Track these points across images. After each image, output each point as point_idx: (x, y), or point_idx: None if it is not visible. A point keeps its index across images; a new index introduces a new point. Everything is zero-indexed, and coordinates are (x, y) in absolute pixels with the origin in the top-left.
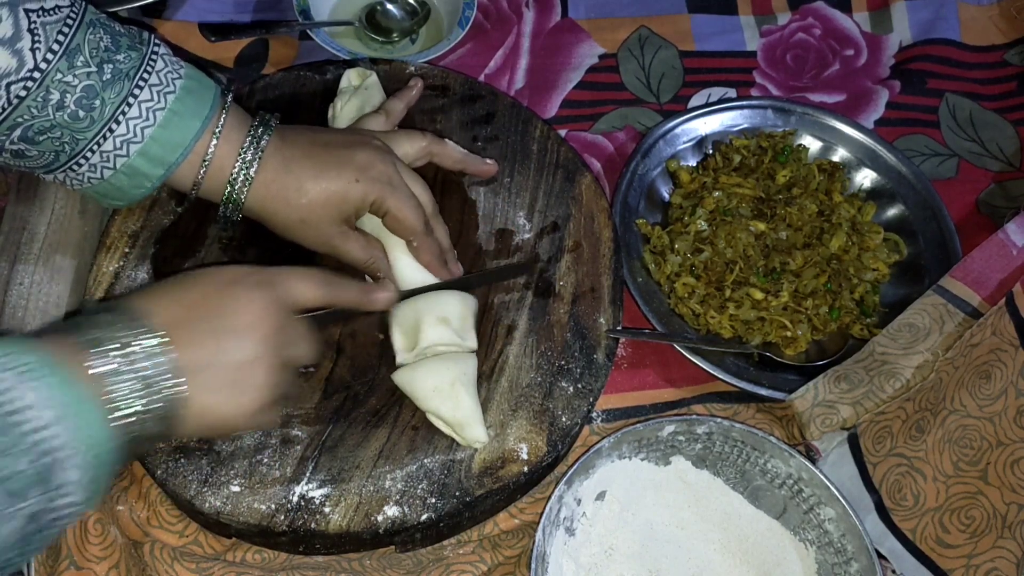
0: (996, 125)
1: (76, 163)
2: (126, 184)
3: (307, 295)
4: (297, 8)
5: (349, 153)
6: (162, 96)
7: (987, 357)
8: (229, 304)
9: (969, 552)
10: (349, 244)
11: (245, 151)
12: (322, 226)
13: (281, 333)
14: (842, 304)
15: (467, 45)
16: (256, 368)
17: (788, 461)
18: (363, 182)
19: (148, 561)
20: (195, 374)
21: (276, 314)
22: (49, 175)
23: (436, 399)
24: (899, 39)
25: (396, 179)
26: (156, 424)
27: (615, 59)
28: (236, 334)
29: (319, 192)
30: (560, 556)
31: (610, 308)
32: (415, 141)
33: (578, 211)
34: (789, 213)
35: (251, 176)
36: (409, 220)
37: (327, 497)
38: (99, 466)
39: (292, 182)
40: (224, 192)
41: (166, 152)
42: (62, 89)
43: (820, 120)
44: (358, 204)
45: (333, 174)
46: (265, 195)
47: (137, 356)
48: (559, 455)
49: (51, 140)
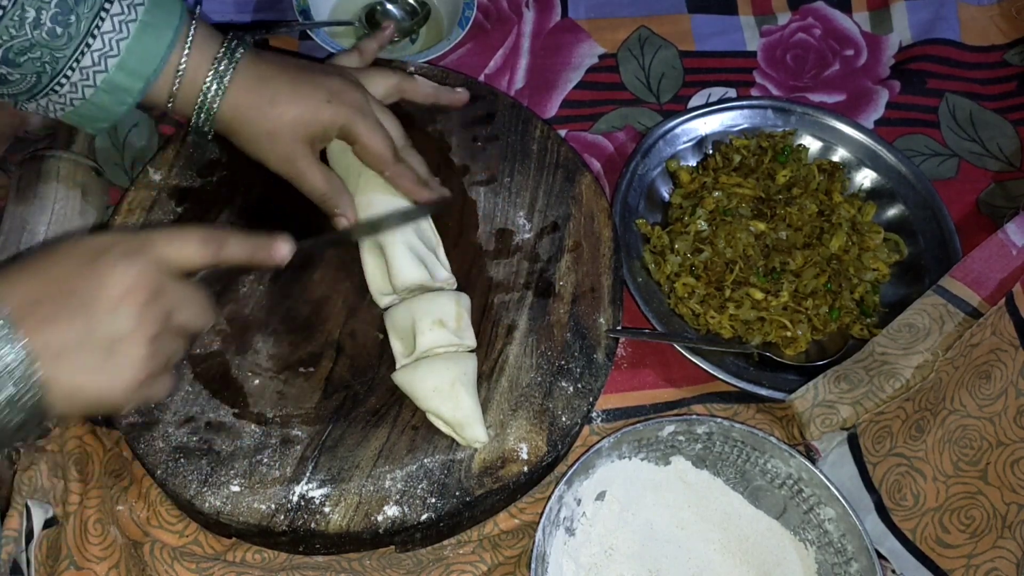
0: (996, 125)
1: (58, 83)
2: (108, 102)
3: (188, 256)
4: (297, 8)
5: (323, 77)
6: (132, 8)
7: (987, 357)
8: (97, 277)
9: (969, 552)
10: (311, 169)
11: (219, 62)
12: (287, 142)
13: (161, 300)
14: (842, 304)
15: (467, 45)
16: (129, 343)
17: (788, 461)
18: (334, 104)
19: (148, 561)
20: (56, 356)
21: (152, 281)
22: (32, 103)
23: (436, 399)
24: (899, 39)
25: (366, 107)
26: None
27: (615, 59)
28: (105, 308)
29: (291, 106)
30: (560, 556)
31: (610, 308)
32: (387, 78)
33: (578, 211)
34: (789, 213)
35: (224, 85)
36: (377, 147)
37: (327, 497)
38: None
39: (266, 93)
40: (196, 101)
41: (142, 64)
42: (37, 6)
43: (820, 120)
44: (326, 125)
45: (307, 91)
46: (237, 105)
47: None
48: (559, 455)
49: (32, 61)
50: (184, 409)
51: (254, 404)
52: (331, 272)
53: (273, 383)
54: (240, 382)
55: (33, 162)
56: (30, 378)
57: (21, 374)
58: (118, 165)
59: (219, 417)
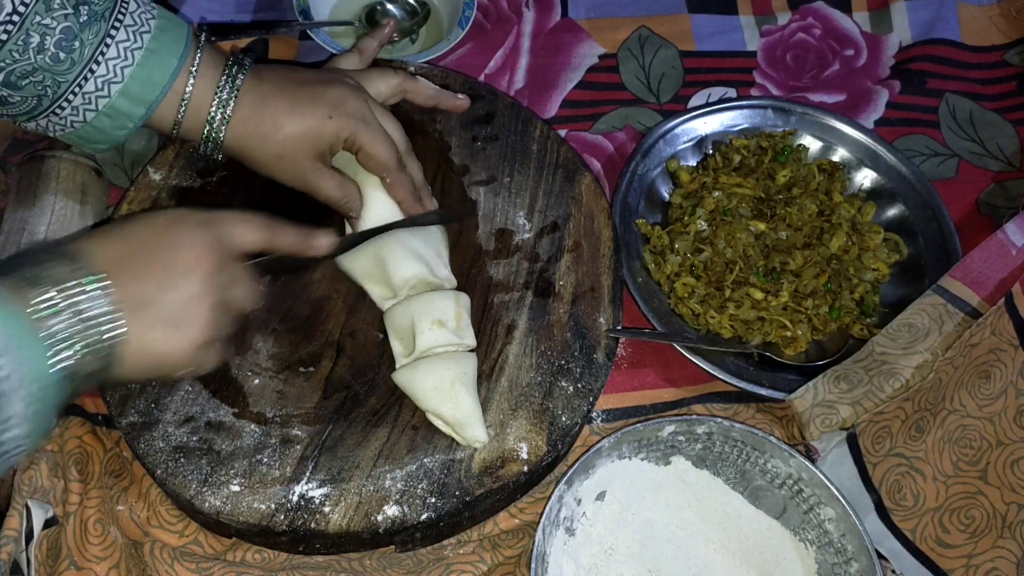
0: (996, 125)
1: (59, 106)
2: (108, 126)
3: (247, 237)
4: (297, 8)
5: (323, 90)
6: (138, 36)
7: (987, 357)
8: (171, 243)
9: (969, 552)
10: (324, 181)
11: (221, 89)
12: (297, 161)
13: (222, 272)
14: (842, 304)
15: (467, 45)
16: (197, 305)
17: (788, 461)
18: (336, 118)
19: (148, 561)
20: (135, 311)
21: (217, 253)
22: (31, 123)
23: (436, 399)
24: (899, 39)
25: (368, 115)
26: (96, 360)
27: (615, 59)
28: (178, 271)
29: (294, 127)
30: (560, 556)
31: (610, 308)
32: (388, 79)
33: (578, 211)
34: (789, 213)
35: (228, 114)
36: (382, 155)
37: (327, 497)
38: (43, 399)
39: (268, 117)
40: (203, 131)
41: (145, 91)
42: (41, 32)
43: (820, 120)
44: (332, 140)
45: (307, 110)
46: (242, 132)
47: (73, 293)
48: (559, 455)
49: (33, 84)
50: (184, 409)
51: (254, 404)
52: (331, 272)
53: (273, 383)
54: (240, 382)
55: (33, 163)
56: (115, 329)
57: (107, 324)
58: (118, 165)
59: (219, 417)
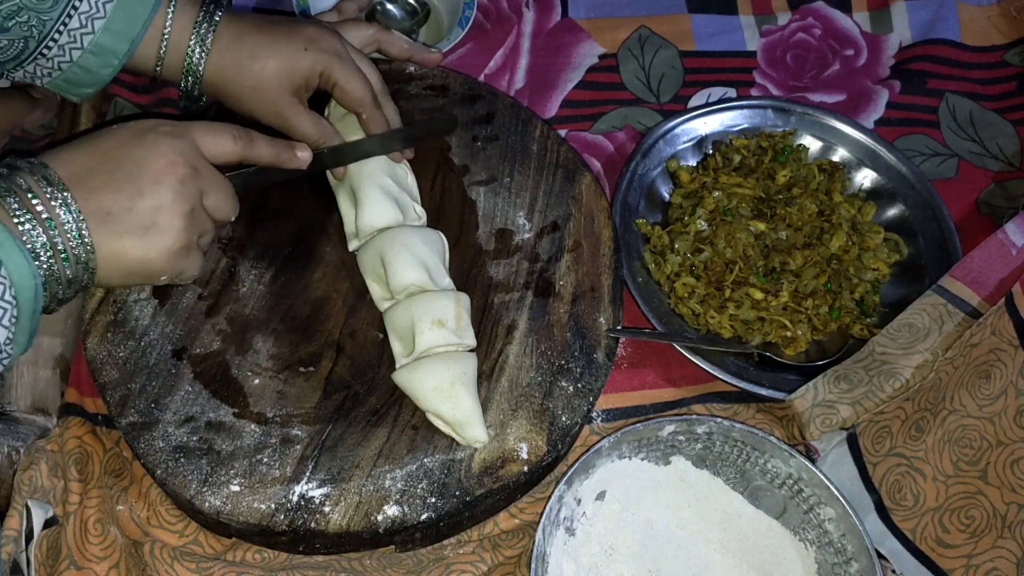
0: (996, 125)
1: (46, 47)
2: (95, 64)
3: (221, 146)
4: (297, 8)
5: (299, 27)
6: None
7: (987, 357)
8: (142, 151)
9: (969, 552)
10: (300, 118)
11: (199, 24)
12: (273, 95)
13: (196, 178)
14: (842, 304)
15: (467, 45)
16: (168, 213)
17: (788, 461)
18: (312, 51)
19: (148, 561)
20: (105, 219)
21: (190, 160)
22: (19, 70)
23: (436, 399)
24: (899, 39)
25: (343, 52)
26: (72, 268)
27: (615, 59)
28: (146, 180)
29: (270, 59)
30: (560, 556)
31: (610, 308)
32: (363, 29)
33: (578, 211)
34: (789, 213)
35: (207, 47)
36: (356, 90)
37: (327, 496)
38: (24, 303)
39: (245, 50)
40: (183, 65)
41: (128, 25)
42: None
43: (820, 120)
44: (307, 73)
45: (283, 43)
46: (220, 64)
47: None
48: (559, 455)
49: (19, 25)
50: (184, 409)
51: (254, 404)
52: (331, 272)
53: (273, 383)
54: (240, 382)
55: None
56: (82, 237)
57: (74, 231)
58: None
59: (219, 417)
